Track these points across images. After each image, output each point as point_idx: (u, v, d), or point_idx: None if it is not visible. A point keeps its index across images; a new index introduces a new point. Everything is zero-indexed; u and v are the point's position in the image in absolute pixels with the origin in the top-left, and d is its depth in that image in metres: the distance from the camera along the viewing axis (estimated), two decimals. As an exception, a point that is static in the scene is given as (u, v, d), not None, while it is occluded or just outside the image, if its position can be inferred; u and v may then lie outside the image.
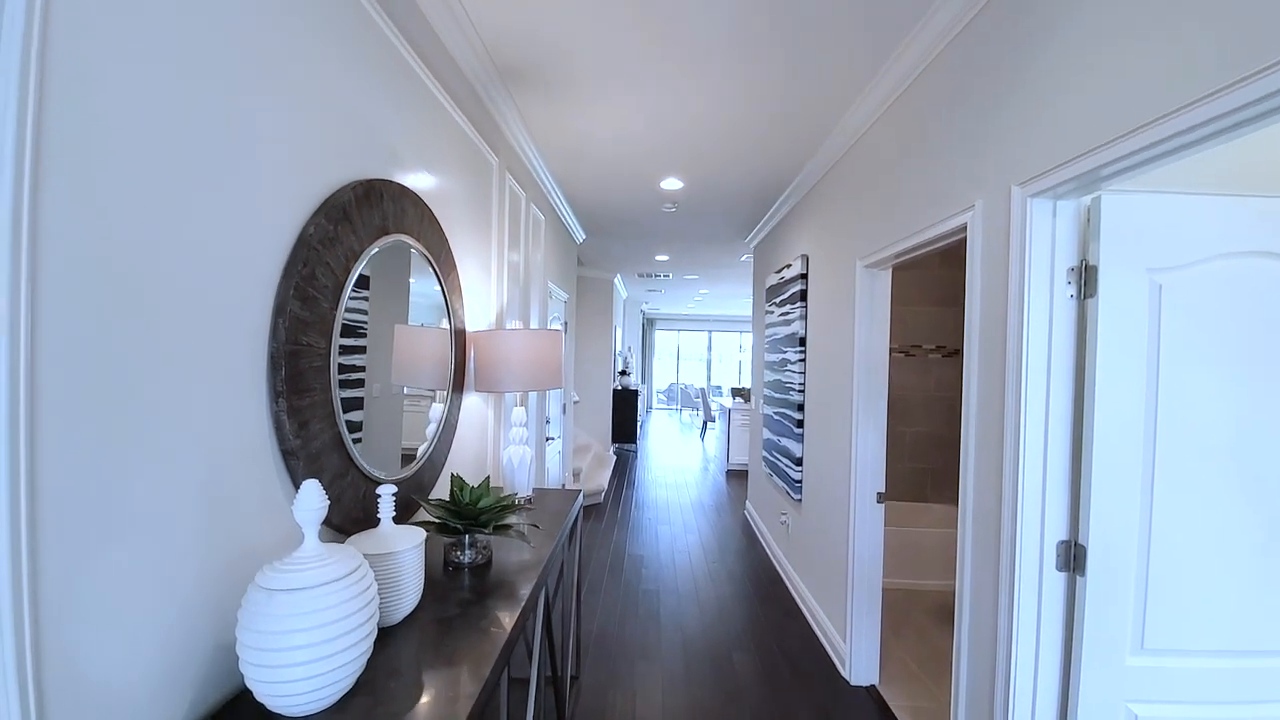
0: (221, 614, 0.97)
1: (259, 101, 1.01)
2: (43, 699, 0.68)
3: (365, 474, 1.34)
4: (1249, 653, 1.36)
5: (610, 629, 2.95)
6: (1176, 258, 1.33)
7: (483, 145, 2.27)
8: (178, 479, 0.87)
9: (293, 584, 0.87)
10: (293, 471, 1.10)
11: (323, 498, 0.93)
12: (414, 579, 1.21)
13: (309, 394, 1.12)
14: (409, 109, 1.61)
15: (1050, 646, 1.41)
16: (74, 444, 0.71)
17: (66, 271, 0.70)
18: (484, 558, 1.55)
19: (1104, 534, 1.34)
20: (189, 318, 0.88)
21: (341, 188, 1.25)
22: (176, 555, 0.88)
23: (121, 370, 0.77)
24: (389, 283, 1.53)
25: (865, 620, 2.47)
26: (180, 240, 0.86)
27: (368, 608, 0.95)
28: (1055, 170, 1.30)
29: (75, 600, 0.72)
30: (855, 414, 2.46)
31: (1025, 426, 1.40)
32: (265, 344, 1.04)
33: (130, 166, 0.77)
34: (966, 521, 1.64)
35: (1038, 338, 1.40)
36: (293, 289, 1.06)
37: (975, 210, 1.61)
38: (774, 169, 3.27)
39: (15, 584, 0.64)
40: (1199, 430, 1.33)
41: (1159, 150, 1.08)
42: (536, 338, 2.09)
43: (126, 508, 0.79)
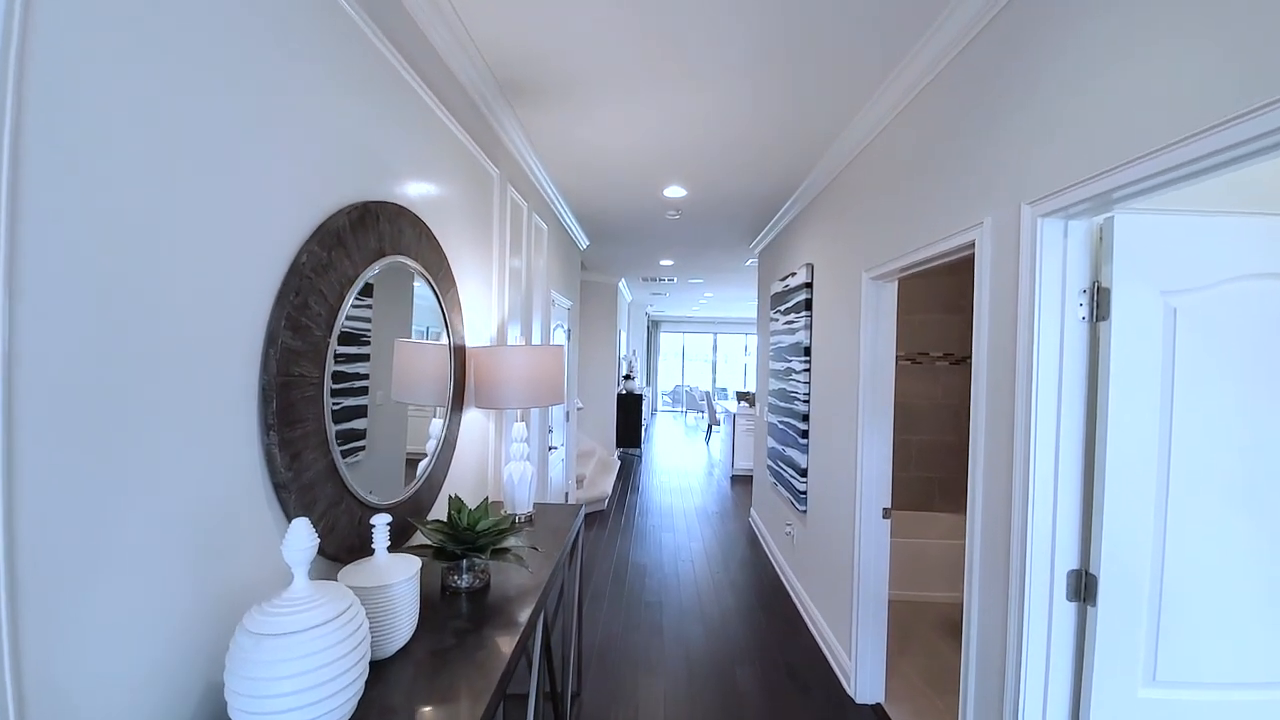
0: (212, 651, 0.95)
1: (251, 128, 0.99)
2: None
3: (360, 500, 1.33)
4: (1265, 685, 1.32)
5: (613, 642, 2.93)
6: (1192, 280, 1.29)
7: (483, 158, 2.25)
8: (166, 514, 0.86)
9: (280, 628, 0.85)
10: (284, 504, 1.08)
11: (312, 536, 0.91)
12: (408, 611, 1.19)
13: (301, 424, 1.10)
14: (407, 126, 1.59)
15: (1060, 677, 1.37)
16: (57, 479, 0.70)
17: (50, 304, 0.68)
18: (482, 582, 1.53)
19: (1116, 563, 1.30)
20: (177, 351, 0.86)
21: (336, 212, 1.23)
22: (165, 592, 0.86)
23: (108, 403, 0.76)
24: (393, 290, 1.52)
25: (871, 637, 2.43)
26: (169, 271, 0.84)
27: (358, 649, 0.93)
28: (1068, 190, 1.27)
29: (59, 638, 0.71)
30: (860, 428, 2.42)
31: (1035, 452, 1.36)
32: (256, 376, 1.03)
33: (117, 201, 0.75)
34: (974, 548, 1.60)
35: (1048, 361, 1.36)
36: (284, 319, 1.04)
37: (984, 227, 1.57)
38: (778, 177, 3.24)
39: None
40: (1215, 458, 1.29)
41: (1177, 174, 1.04)
42: (537, 354, 2.07)
43: (113, 544, 0.77)
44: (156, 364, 0.83)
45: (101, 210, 0.74)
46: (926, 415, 4.07)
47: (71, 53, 0.69)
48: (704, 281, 7.87)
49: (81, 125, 0.71)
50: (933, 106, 1.89)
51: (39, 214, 0.66)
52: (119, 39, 0.75)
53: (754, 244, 4.98)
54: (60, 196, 0.69)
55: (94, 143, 0.73)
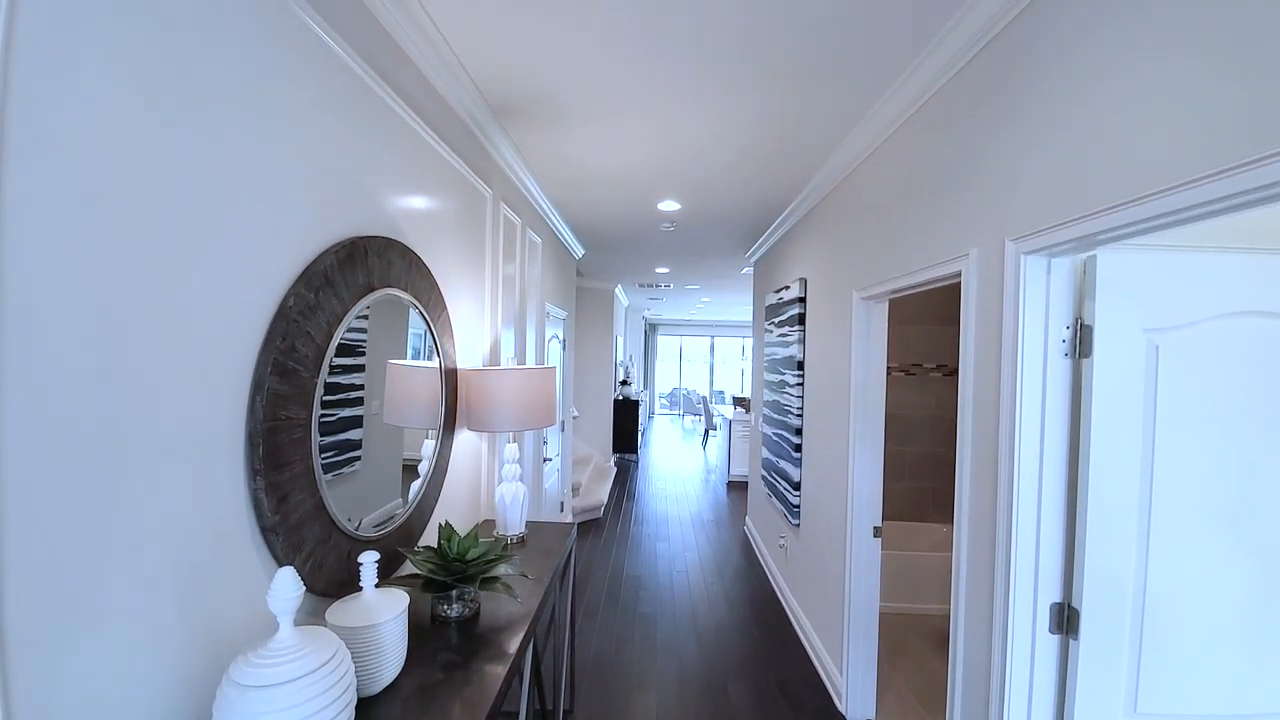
0: (200, 702, 0.96)
1: (236, 172, 1.00)
2: None
3: (349, 535, 1.33)
4: (1246, 716, 1.34)
5: (606, 657, 2.94)
6: (1174, 317, 1.31)
7: (475, 179, 2.26)
8: (153, 560, 0.87)
9: (266, 680, 0.86)
10: (272, 547, 1.09)
11: (298, 585, 0.92)
12: (395, 648, 1.20)
13: (289, 466, 1.11)
14: (396, 155, 1.60)
15: (1042, 708, 1.39)
16: (43, 527, 0.70)
17: (27, 344, 0.68)
18: (471, 610, 1.54)
19: (1098, 597, 1.32)
20: (163, 398, 0.87)
21: (323, 253, 1.24)
22: (152, 641, 0.87)
23: (92, 453, 0.76)
24: (387, 310, 1.54)
25: (862, 653, 2.45)
26: (154, 319, 0.85)
27: (344, 696, 0.94)
28: (1051, 230, 1.28)
29: (48, 691, 0.71)
30: (851, 446, 2.44)
31: (1018, 486, 1.37)
32: (243, 422, 1.03)
33: (102, 253, 0.76)
34: (960, 579, 1.61)
35: (1031, 395, 1.37)
36: (271, 365, 1.05)
37: (970, 259, 1.59)
38: (770, 194, 3.25)
39: None
40: (1196, 493, 1.31)
41: (1162, 222, 1.04)
42: (530, 377, 2.08)
43: (100, 593, 0.78)
44: (142, 412, 0.84)
45: (85, 259, 0.74)
46: (920, 426, 4.08)
47: (57, 95, 0.70)
48: (700, 288, 7.89)
49: (67, 169, 0.72)
50: (922, 133, 1.90)
51: (18, 253, 0.67)
52: (104, 82, 0.76)
53: (749, 254, 5.00)
54: (44, 244, 0.69)
55: (79, 191, 0.73)
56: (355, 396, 1.39)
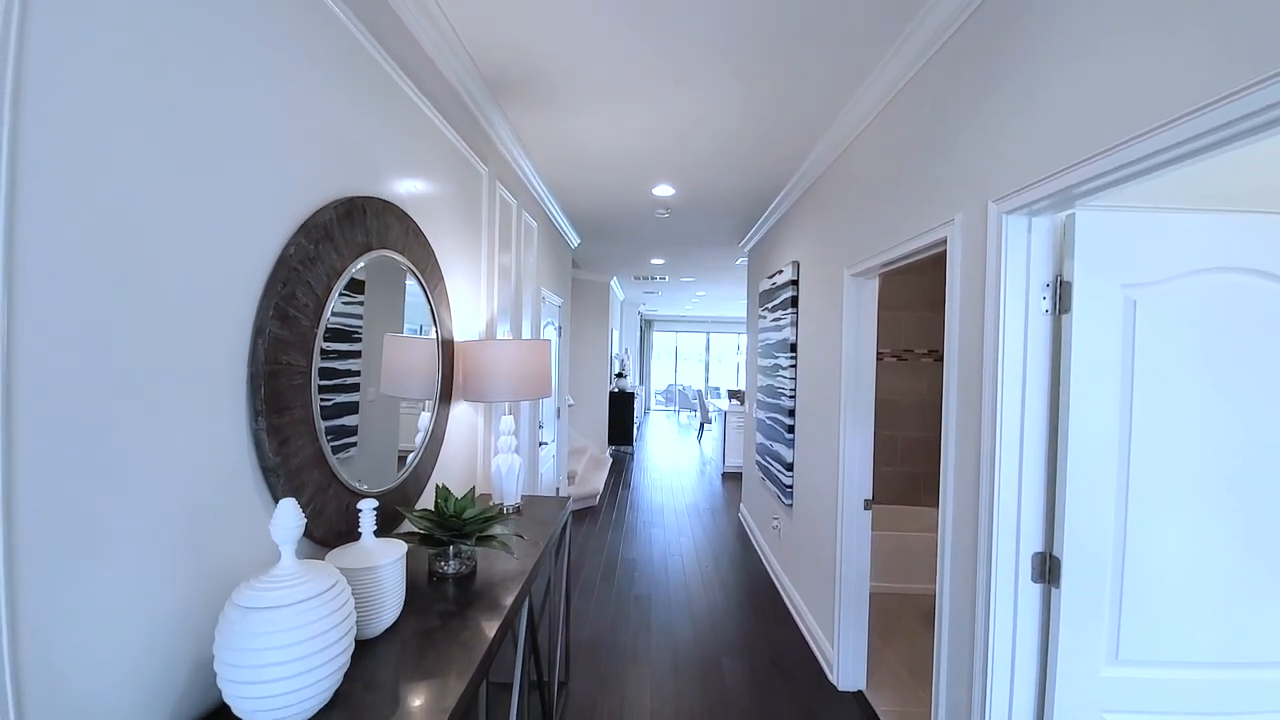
0: (201, 629, 0.98)
1: (238, 125, 1.02)
2: (22, 713, 0.70)
3: (348, 487, 1.36)
4: (1225, 664, 1.37)
5: (601, 635, 2.97)
6: (1150, 274, 1.35)
7: (471, 156, 2.29)
8: (158, 497, 0.89)
9: (268, 602, 0.89)
10: (273, 488, 1.12)
11: (299, 516, 0.95)
12: (394, 593, 1.22)
13: (289, 411, 1.14)
14: (394, 124, 1.63)
15: (1026, 657, 1.43)
16: (53, 464, 0.73)
17: (44, 295, 0.71)
18: (468, 568, 1.57)
19: (1078, 546, 1.35)
20: (169, 339, 0.90)
21: (323, 207, 1.26)
22: (156, 572, 0.89)
23: (101, 389, 0.79)
24: (384, 287, 1.56)
25: (853, 625, 2.49)
26: (159, 263, 0.87)
27: (344, 624, 0.97)
28: (1029, 188, 1.32)
29: (54, 615, 0.74)
30: (843, 420, 2.48)
31: (1000, 439, 1.41)
32: (245, 364, 1.06)
33: (109, 194, 0.79)
34: (946, 533, 1.65)
35: (1013, 352, 1.41)
36: (272, 310, 1.08)
37: (955, 224, 1.63)
38: (764, 177, 3.29)
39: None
40: (1174, 444, 1.35)
41: (1134, 169, 1.09)
42: (525, 348, 2.11)
43: (107, 526, 0.81)
44: (148, 353, 0.86)
45: (95, 203, 0.77)
46: (911, 411, 4.13)
47: (70, 56, 0.73)
48: (695, 280, 7.92)
49: (78, 125, 0.74)
50: (909, 108, 1.94)
51: (35, 210, 0.70)
52: (116, 43, 0.79)
53: (743, 242, 5.04)
54: (55, 193, 0.72)
55: (89, 142, 0.76)
56: (351, 383, 1.40)
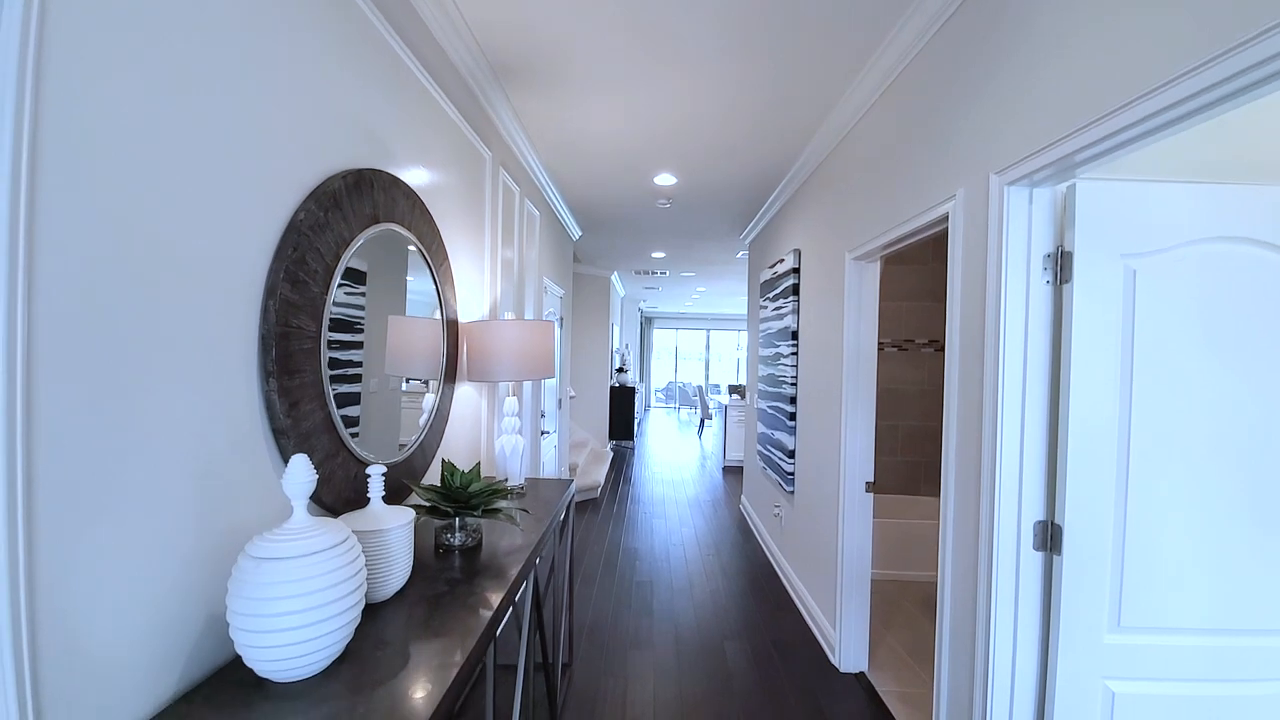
0: (213, 587, 0.99)
1: (250, 92, 1.04)
2: (37, 668, 0.71)
3: (356, 456, 1.37)
4: (1226, 631, 1.37)
5: (604, 620, 2.98)
6: (1150, 244, 1.36)
7: (475, 139, 2.30)
8: (171, 456, 0.90)
9: (281, 553, 0.90)
10: (283, 450, 1.13)
11: (311, 471, 0.96)
12: (403, 556, 1.24)
13: (299, 375, 1.15)
14: (401, 101, 1.64)
15: (1028, 625, 1.44)
16: (70, 421, 0.74)
17: (62, 250, 0.72)
18: (474, 540, 1.58)
19: (1080, 514, 1.37)
20: (182, 299, 0.91)
21: (332, 176, 1.28)
22: (169, 530, 0.90)
23: (117, 349, 0.80)
24: (386, 280, 1.56)
25: (854, 607, 2.50)
26: (173, 223, 0.89)
27: (355, 578, 0.98)
28: (1030, 158, 1.33)
29: (70, 573, 0.75)
30: (845, 404, 2.49)
31: (1003, 408, 1.43)
32: (256, 325, 1.07)
33: (126, 151, 0.80)
34: (948, 503, 1.67)
35: (1015, 322, 1.43)
36: (283, 272, 1.09)
37: (957, 200, 1.64)
38: (765, 165, 3.30)
39: (11, 558, 0.67)
40: (1175, 411, 1.36)
41: (1129, 135, 1.11)
42: (529, 328, 2.12)
43: (121, 483, 0.82)
44: (162, 313, 0.88)
45: (115, 163, 0.79)
46: (912, 401, 4.14)
47: (89, 29, 0.74)
48: (696, 275, 7.94)
49: (98, 88, 0.76)
50: (911, 87, 1.95)
51: (53, 171, 0.71)
52: (129, 14, 0.80)
53: (744, 234, 5.05)
54: (74, 154, 0.73)
55: (108, 102, 0.77)
56: (354, 374, 1.40)
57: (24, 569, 0.69)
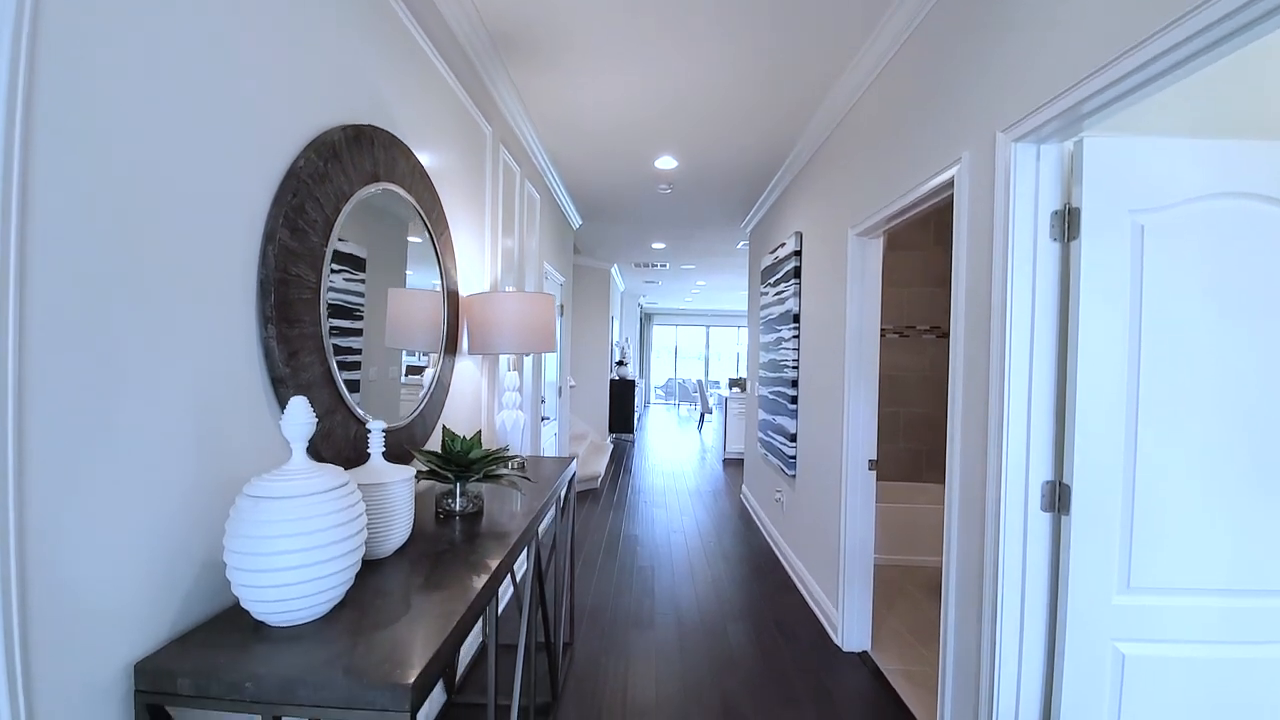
0: (208, 535, 0.98)
1: (250, 39, 1.02)
2: (26, 611, 0.69)
3: (355, 415, 1.35)
4: (1237, 592, 1.35)
5: (604, 602, 2.96)
6: (1157, 199, 1.34)
7: (476, 112, 2.28)
8: (167, 401, 0.89)
9: (280, 492, 0.88)
10: (282, 400, 1.11)
11: (310, 414, 0.95)
12: (404, 512, 1.22)
13: (299, 324, 1.13)
14: (402, 67, 1.63)
15: (1036, 588, 1.42)
16: (63, 361, 0.73)
17: (56, 185, 0.71)
18: (475, 507, 1.56)
19: (1088, 473, 1.35)
20: (179, 242, 0.89)
21: (332, 128, 1.26)
22: (164, 475, 0.89)
23: (113, 291, 0.79)
24: (384, 270, 1.54)
25: (857, 586, 2.48)
26: (172, 161, 0.87)
27: (355, 522, 0.96)
28: (1037, 111, 1.32)
29: (61, 516, 0.73)
30: (847, 382, 2.47)
31: (1010, 368, 1.41)
32: (255, 270, 1.06)
33: (124, 89, 0.79)
34: (954, 463, 1.65)
35: (1022, 281, 1.41)
36: (282, 218, 1.08)
37: (962, 163, 1.62)
38: (767, 145, 3.29)
39: (0, 499, 0.66)
40: (1183, 369, 1.34)
41: (1136, 80, 1.09)
42: (530, 300, 2.10)
43: (116, 427, 0.80)
44: (161, 251, 0.86)
45: (113, 98, 0.77)
46: (914, 388, 4.13)
47: None
48: (696, 268, 7.93)
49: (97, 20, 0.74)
50: (915, 56, 1.94)
51: (50, 110, 0.69)
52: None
53: (745, 222, 5.04)
54: (71, 91, 0.72)
55: (107, 40, 0.76)
56: (353, 360, 1.39)
57: (14, 509, 0.67)
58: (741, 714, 2.04)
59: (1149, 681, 1.36)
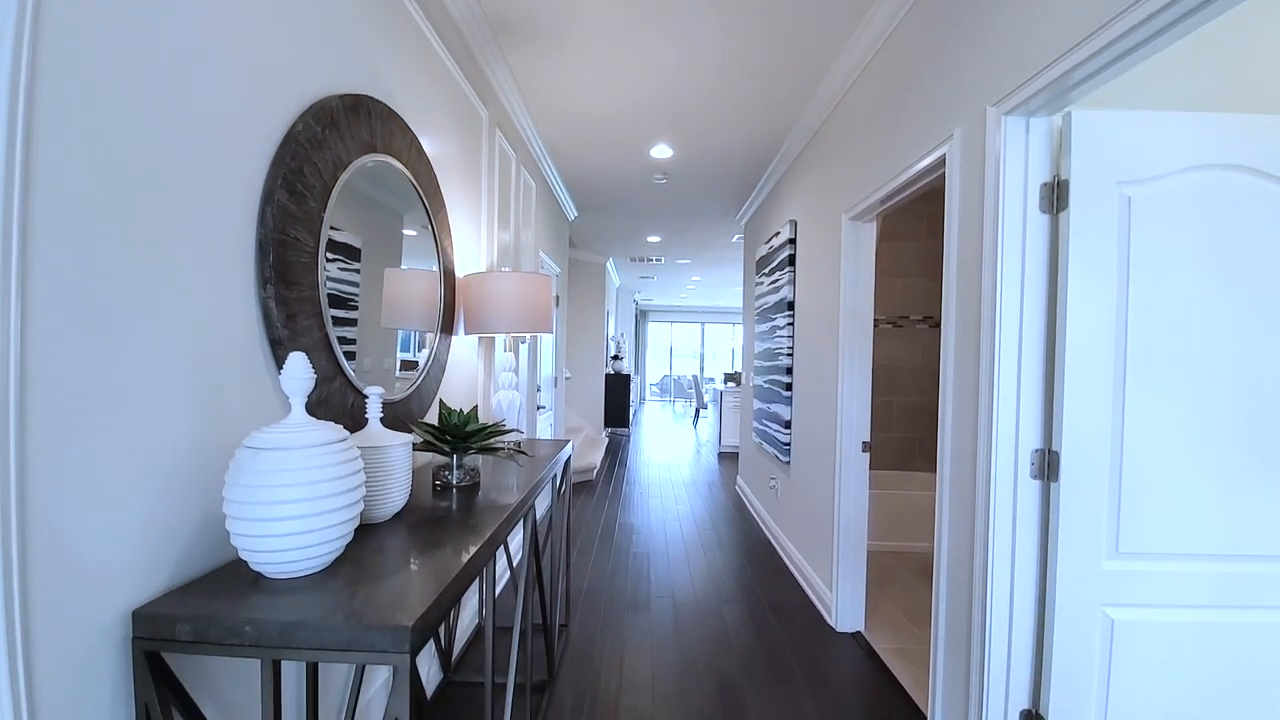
0: (206, 490, 0.98)
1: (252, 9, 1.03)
2: (25, 559, 0.70)
3: (353, 384, 1.36)
4: (1227, 556, 1.37)
5: (600, 586, 2.97)
6: (1144, 171, 1.37)
7: (472, 94, 2.29)
8: (166, 361, 0.89)
9: (281, 443, 0.89)
10: (279, 361, 1.12)
11: (309, 369, 0.95)
12: (401, 477, 1.23)
13: (297, 287, 1.14)
14: (399, 43, 1.63)
15: (1026, 555, 1.44)
16: (64, 318, 0.73)
17: (58, 144, 0.71)
18: (472, 480, 1.57)
19: (1077, 440, 1.37)
20: (179, 199, 0.90)
21: (329, 96, 1.27)
22: (163, 431, 0.89)
23: (113, 242, 0.79)
24: (379, 262, 1.54)
25: (851, 568, 2.50)
26: (171, 123, 0.88)
27: (355, 477, 0.97)
28: (1026, 84, 1.34)
29: (61, 466, 0.74)
30: (841, 364, 2.49)
31: (1000, 339, 1.43)
32: (253, 231, 1.06)
33: (122, 48, 0.79)
34: (945, 436, 1.67)
35: (1012, 252, 1.43)
36: (281, 179, 1.08)
37: (954, 140, 1.65)
38: (762, 132, 3.31)
39: (2, 457, 0.66)
40: (1171, 337, 1.36)
41: (1119, 48, 1.11)
42: (527, 279, 2.11)
43: (115, 386, 0.81)
44: (160, 212, 0.87)
45: (112, 55, 0.77)
46: (907, 378, 4.16)
47: None
48: (691, 263, 7.94)
49: None
50: (908, 37, 1.96)
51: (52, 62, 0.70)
52: None
53: (740, 214, 5.06)
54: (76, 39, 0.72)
55: None
56: (349, 350, 1.39)
57: (14, 458, 0.67)
58: (737, 691, 2.05)
59: (1138, 646, 1.38)
